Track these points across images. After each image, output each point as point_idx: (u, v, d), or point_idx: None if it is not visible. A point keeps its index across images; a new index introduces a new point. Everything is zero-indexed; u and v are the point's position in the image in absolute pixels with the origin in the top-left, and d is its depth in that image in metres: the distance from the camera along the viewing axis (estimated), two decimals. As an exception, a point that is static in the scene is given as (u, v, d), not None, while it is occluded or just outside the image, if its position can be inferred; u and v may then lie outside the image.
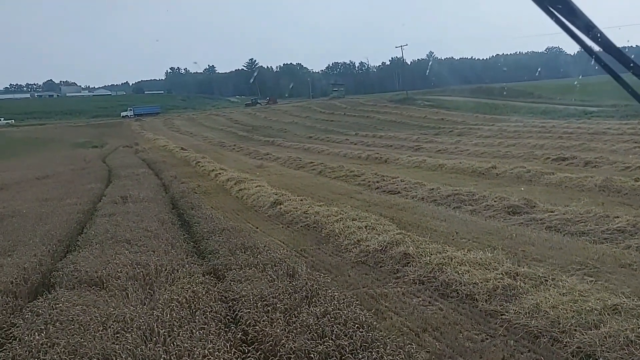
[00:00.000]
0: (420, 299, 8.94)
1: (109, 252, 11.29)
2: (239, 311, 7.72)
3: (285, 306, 7.45)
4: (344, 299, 7.86)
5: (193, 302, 7.63)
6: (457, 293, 8.80)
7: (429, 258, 10.20)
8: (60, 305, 7.86)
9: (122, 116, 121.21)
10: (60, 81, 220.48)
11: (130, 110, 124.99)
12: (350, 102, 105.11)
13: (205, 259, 11.38)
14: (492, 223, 14.34)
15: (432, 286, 9.35)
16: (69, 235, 14.90)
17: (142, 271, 9.44)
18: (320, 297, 7.73)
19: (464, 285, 8.84)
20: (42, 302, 8.39)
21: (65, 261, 11.18)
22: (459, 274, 9.22)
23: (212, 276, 9.74)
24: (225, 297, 8.25)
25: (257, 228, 16.35)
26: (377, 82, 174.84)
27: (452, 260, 9.85)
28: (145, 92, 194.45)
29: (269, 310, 7.42)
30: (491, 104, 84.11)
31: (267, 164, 38.05)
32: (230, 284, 8.71)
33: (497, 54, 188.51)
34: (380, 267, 10.80)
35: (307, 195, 21.65)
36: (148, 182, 28.69)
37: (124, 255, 10.81)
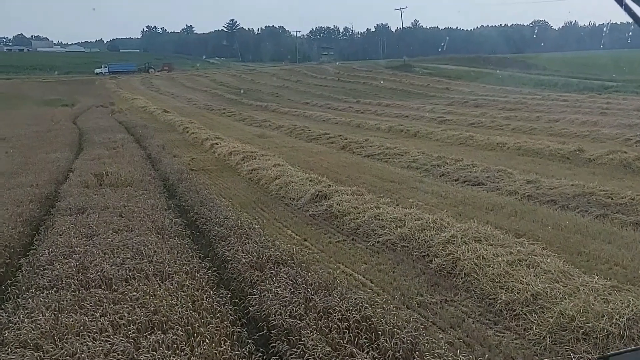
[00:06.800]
0: None
1: (68, 323, 5.53)
2: None
3: None
4: None
5: None
6: None
7: None
8: None
9: (96, 73, 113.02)
10: (32, 36, 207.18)
11: (105, 67, 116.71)
12: (342, 68, 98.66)
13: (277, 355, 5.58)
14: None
15: None
16: (7, 256, 8.98)
17: None
18: None
19: None
20: None
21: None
22: None
23: None
24: None
25: (304, 240, 10.70)
26: (361, 48, 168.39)
27: None
28: (121, 50, 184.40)
29: None
30: (495, 75, 79.56)
31: (268, 132, 32.09)
32: None
33: (482, 25, 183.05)
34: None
35: (345, 180, 16.09)
36: (129, 152, 22.56)
37: (104, 346, 5.07)
